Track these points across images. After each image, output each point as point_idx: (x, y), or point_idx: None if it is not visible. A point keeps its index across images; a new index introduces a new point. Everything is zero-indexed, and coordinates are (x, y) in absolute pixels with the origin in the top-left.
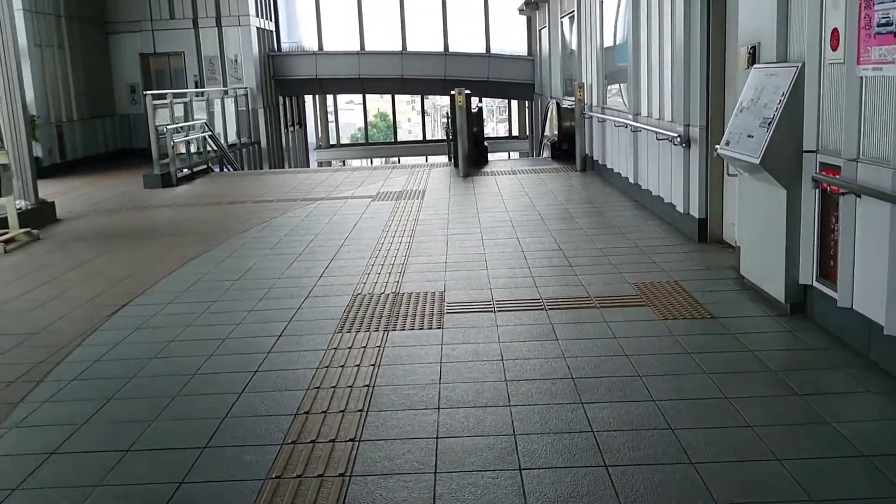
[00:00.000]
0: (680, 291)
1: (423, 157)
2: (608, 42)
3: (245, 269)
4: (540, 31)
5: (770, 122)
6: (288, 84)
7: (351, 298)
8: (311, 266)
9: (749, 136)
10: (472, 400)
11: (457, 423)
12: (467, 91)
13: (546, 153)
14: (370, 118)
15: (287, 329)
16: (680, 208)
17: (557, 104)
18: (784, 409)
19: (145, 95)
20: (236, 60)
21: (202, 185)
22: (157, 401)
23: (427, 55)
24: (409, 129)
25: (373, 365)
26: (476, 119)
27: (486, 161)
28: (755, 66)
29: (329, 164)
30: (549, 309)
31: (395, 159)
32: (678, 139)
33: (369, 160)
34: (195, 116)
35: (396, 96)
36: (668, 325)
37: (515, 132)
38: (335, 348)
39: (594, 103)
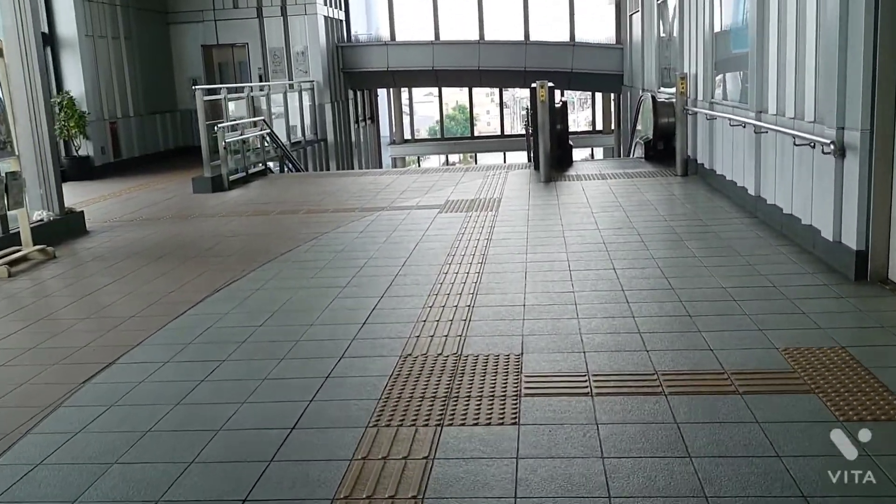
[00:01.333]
0: (853, 367)
1: (501, 153)
2: (720, 25)
3: (273, 310)
4: (631, 16)
5: None
6: (358, 77)
7: (397, 363)
8: (354, 307)
9: None
10: None
11: None
12: (550, 84)
13: (638, 153)
14: (448, 111)
15: (304, 417)
16: (827, 234)
17: (653, 98)
18: None
19: (195, 90)
20: (303, 52)
21: (256, 189)
22: None
23: (506, 45)
24: (487, 122)
25: (414, 498)
26: (559, 115)
27: (570, 162)
28: None
29: (403, 160)
30: (670, 393)
31: (472, 155)
32: (829, 146)
33: (445, 156)
34: (254, 113)
35: (475, 88)
36: (854, 432)
37: (599, 126)
38: (363, 458)
39: (699, 97)
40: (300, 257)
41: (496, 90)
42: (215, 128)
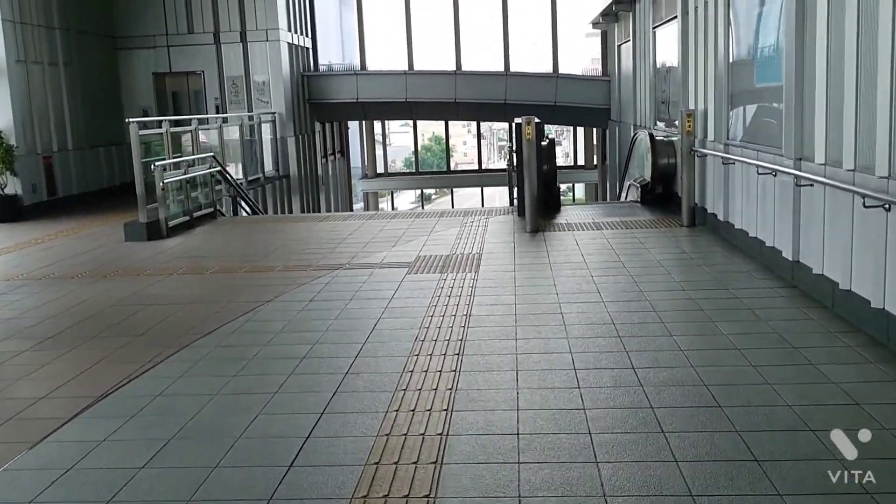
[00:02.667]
0: None
1: (479, 188)
2: (737, 53)
3: (167, 437)
4: (620, 46)
5: None
6: (325, 108)
7: None
8: (281, 435)
9: None
10: None
11: None
12: (537, 120)
13: (632, 196)
14: (424, 141)
15: None
16: None
17: (651, 136)
18: None
19: (129, 123)
20: (264, 81)
21: (199, 237)
22: None
23: (485, 75)
24: (464, 153)
25: None
26: (547, 154)
27: (558, 207)
28: None
29: (376, 195)
30: None
31: (449, 190)
32: None
33: (420, 191)
34: (201, 148)
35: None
36: None
37: (581, 160)
38: None
39: (709, 136)
40: (226, 340)
41: (474, 122)
42: (152, 166)
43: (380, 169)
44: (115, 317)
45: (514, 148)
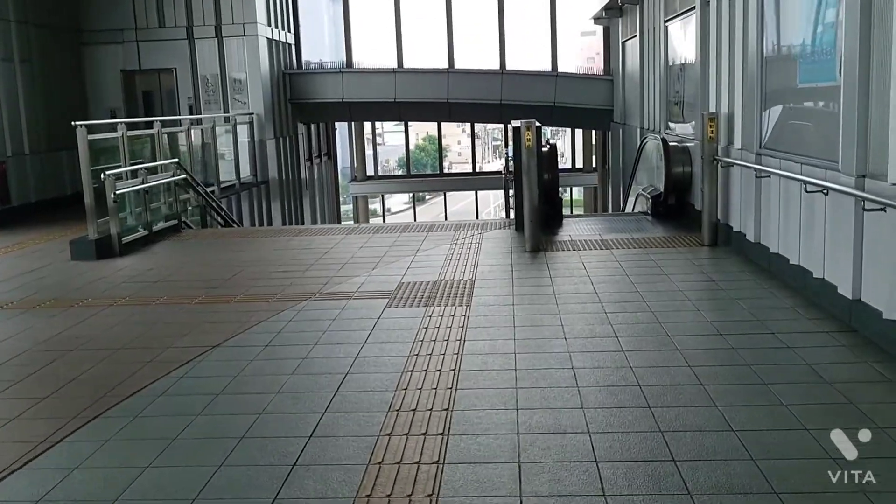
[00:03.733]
0: None
1: (473, 192)
2: (775, 47)
3: None
4: (624, 42)
5: None
6: (308, 109)
7: None
8: None
9: None
10: None
11: None
12: (537, 123)
13: (640, 207)
14: (418, 141)
15: None
16: None
17: (664, 142)
18: None
19: (77, 126)
20: (241, 80)
21: (156, 256)
22: None
23: (479, 74)
24: (458, 152)
25: None
26: (548, 162)
27: (560, 221)
28: None
29: (366, 199)
30: None
31: (441, 195)
32: None
33: (412, 194)
34: (166, 153)
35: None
36: None
37: (579, 163)
38: None
39: (736, 143)
40: (150, 408)
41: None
42: (102, 175)
43: (370, 171)
44: (21, 369)
45: (510, 155)
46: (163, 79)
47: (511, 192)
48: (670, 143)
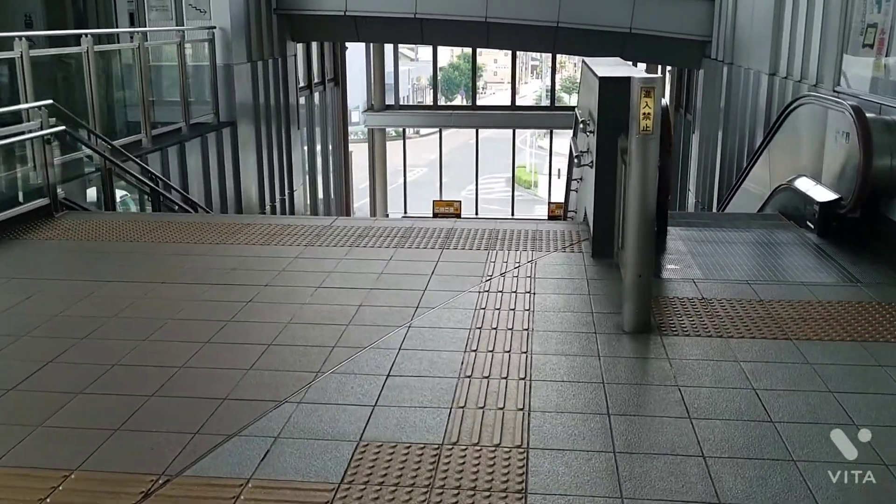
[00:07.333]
0: None
1: (510, 131)
2: None
3: None
4: None
5: None
6: (300, 23)
7: None
8: None
9: None
10: None
11: None
12: (659, 75)
13: (774, 209)
14: (452, 59)
15: None
16: None
17: (858, 112)
18: None
19: None
20: None
21: None
22: None
23: None
24: (494, 71)
25: None
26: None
27: (663, 245)
28: None
29: (383, 132)
30: None
31: (474, 133)
32: None
33: (438, 130)
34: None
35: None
36: None
37: None
38: None
39: None
40: None
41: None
42: None
43: (389, 101)
44: None
45: (584, 127)
46: None
47: (575, 183)
48: (870, 117)
